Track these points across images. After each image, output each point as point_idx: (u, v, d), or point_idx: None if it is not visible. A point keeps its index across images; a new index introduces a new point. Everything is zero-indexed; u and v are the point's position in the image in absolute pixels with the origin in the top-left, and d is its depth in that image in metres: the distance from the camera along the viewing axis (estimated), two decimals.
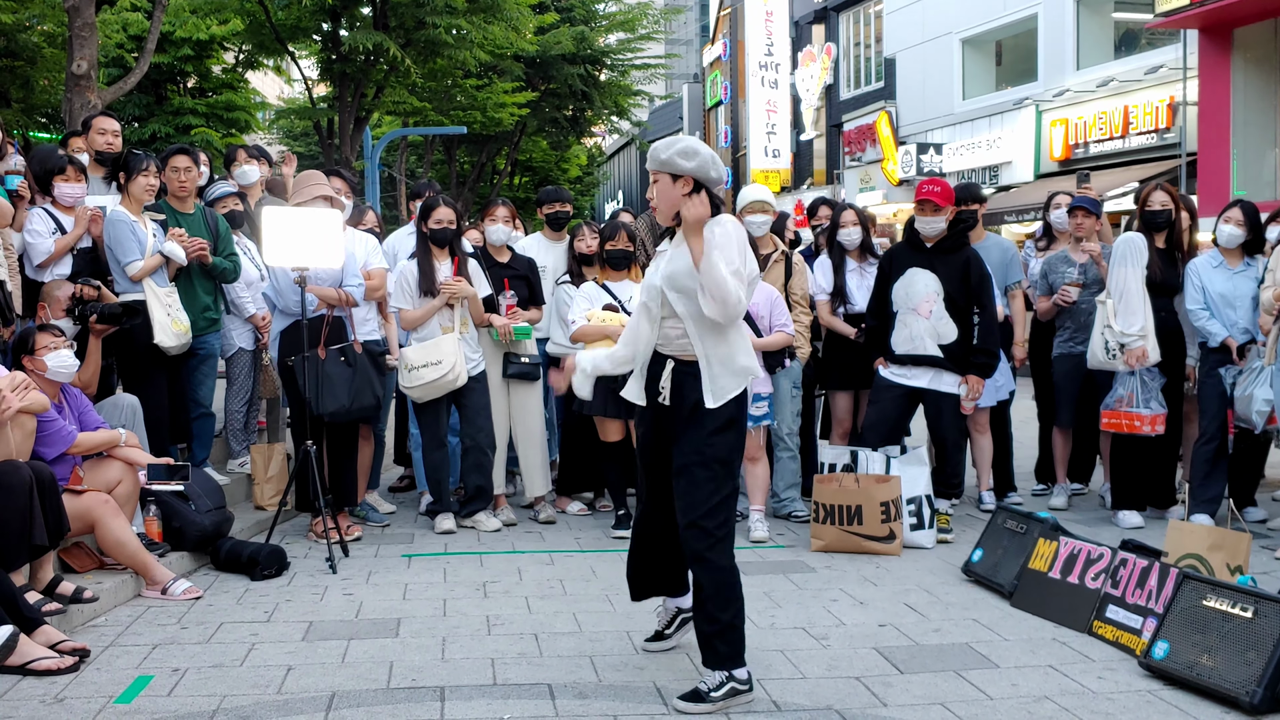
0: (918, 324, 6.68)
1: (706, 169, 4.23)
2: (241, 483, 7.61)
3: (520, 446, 7.48)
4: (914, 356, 6.70)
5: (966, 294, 6.67)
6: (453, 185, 30.06)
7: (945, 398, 6.70)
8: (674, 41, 44.72)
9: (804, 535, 6.86)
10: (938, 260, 6.70)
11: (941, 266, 6.68)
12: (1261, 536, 6.74)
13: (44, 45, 16.84)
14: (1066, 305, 7.43)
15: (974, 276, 6.68)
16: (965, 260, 6.70)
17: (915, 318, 6.69)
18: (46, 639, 4.61)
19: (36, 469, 4.96)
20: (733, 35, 36.37)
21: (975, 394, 6.68)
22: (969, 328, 6.70)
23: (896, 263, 6.83)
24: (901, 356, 6.73)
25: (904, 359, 6.73)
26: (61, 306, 6.19)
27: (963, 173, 23.69)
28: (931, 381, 6.71)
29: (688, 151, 4.21)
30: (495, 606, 5.49)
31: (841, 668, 4.63)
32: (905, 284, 6.74)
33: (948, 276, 6.66)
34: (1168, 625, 4.51)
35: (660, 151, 4.26)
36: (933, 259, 6.71)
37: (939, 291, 6.65)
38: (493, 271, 7.34)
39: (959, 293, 6.65)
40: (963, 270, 6.67)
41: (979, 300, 6.71)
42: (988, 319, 6.74)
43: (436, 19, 18.42)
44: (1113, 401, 6.95)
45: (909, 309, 6.71)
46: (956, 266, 6.68)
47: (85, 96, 10.54)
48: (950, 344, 6.64)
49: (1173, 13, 16.55)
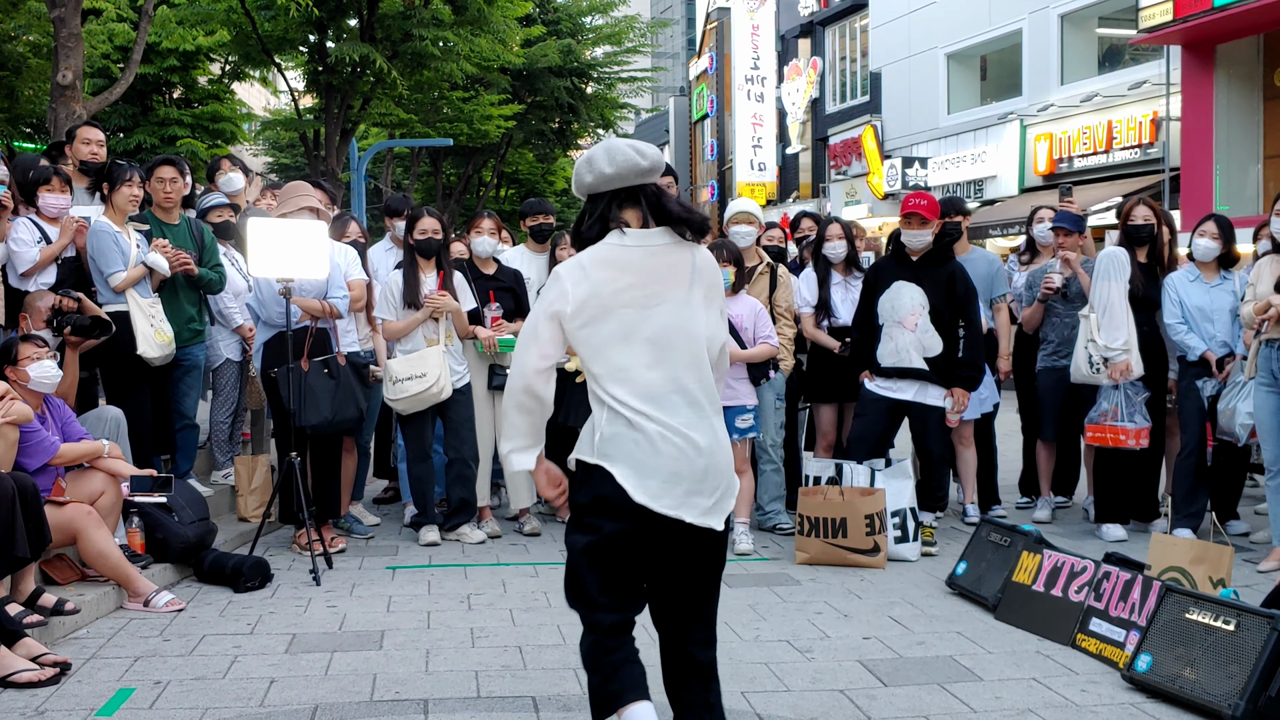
0: (903, 337, 6.70)
1: (596, 183, 3.37)
2: (225, 494, 7.58)
3: None
4: (899, 369, 6.72)
5: (952, 307, 6.69)
6: (439, 197, 30.03)
7: (930, 411, 6.72)
8: (660, 55, 44.84)
9: (789, 548, 6.87)
10: (923, 274, 6.72)
11: (927, 280, 6.70)
12: (1244, 550, 6.76)
13: (29, 55, 16.79)
14: (1052, 291, 7.43)
15: (959, 290, 6.71)
16: (951, 274, 6.73)
17: (901, 331, 6.71)
18: (27, 651, 4.59)
19: (19, 480, 4.93)
20: (719, 49, 36.48)
21: (960, 407, 6.70)
22: (954, 341, 6.72)
23: (882, 276, 6.85)
24: (887, 369, 6.75)
25: (889, 372, 6.75)
26: (42, 317, 6.17)
27: (948, 186, 23.79)
28: (917, 395, 6.72)
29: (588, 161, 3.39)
30: (479, 619, 5.48)
31: (826, 680, 4.63)
32: (891, 297, 6.76)
33: (933, 290, 6.68)
34: (1150, 638, 4.53)
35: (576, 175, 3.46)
36: (918, 272, 6.73)
37: (924, 305, 6.67)
38: (478, 283, 7.34)
39: (945, 306, 6.67)
40: (948, 283, 6.70)
41: (964, 314, 6.73)
42: (973, 332, 6.76)
43: (423, 31, 18.41)
44: (1097, 416, 6.97)
45: (894, 322, 6.73)
46: (942, 280, 6.70)
47: (70, 107, 10.51)
48: (936, 357, 6.66)
49: (1156, 29, 16.67)
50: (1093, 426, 7.00)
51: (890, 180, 25.15)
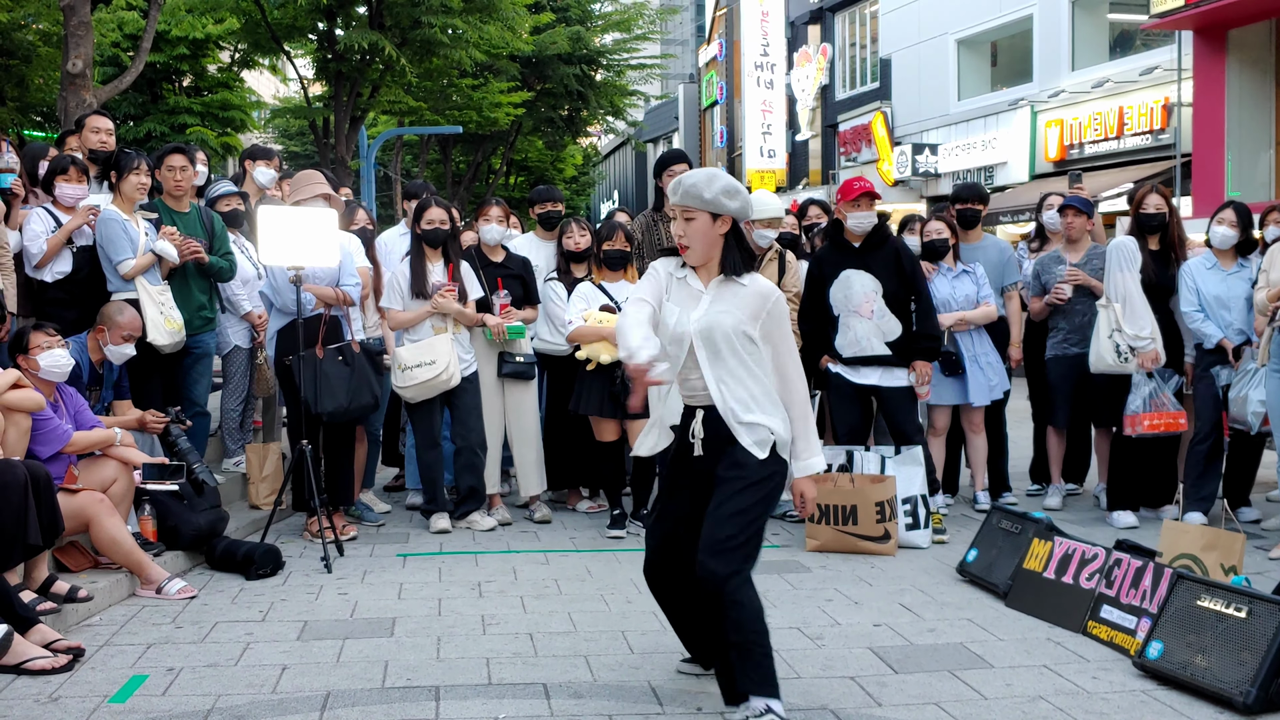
0: (861, 325, 6.73)
1: (748, 210, 4.07)
2: (237, 482, 7.61)
3: (515, 446, 7.48)
4: (862, 358, 6.74)
5: (904, 286, 6.76)
6: (448, 184, 30.04)
7: (897, 392, 6.79)
8: (670, 42, 44.75)
9: (799, 535, 6.87)
10: (869, 258, 6.77)
11: (874, 264, 6.75)
12: (1255, 537, 6.75)
13: (39, 44, 16.83)
14: (1060, 303, 7.43)
15: (906, 266, 6.79)
16: (895, 252, 6.80)
17: (858, 319, 6.74)
18: (41, 638, 4.61)
19: (32, 468, 4.95)
20: (728, 35, 36.36)
21: (925, 378, 6.80)
22: (909, 317, 6.79)
23: (826, 266, 6.88)
24: (850, 359, 6.77)
25: (852, 361, 6.77)
26: (121, 333, 6.18)
27: (958, 173, 23.71)
28: (882, 378, 6.80)
29: (731, 190, 3.97)
30: (490, 606, 5.49)
31: (836, 667, 4.63)
32: (842, 287, 6.78)
33: (883, 273, 6.73)
34: (1162, 625, 4.52)
35: (702, 189, 3.96)
36: (864, 257, 6.77)
37: (878, 289, 6.72)
38: (486, 271, 7.34)
39: (898, 286, 6.74)
40: (894, 263, 6.76)
41: (914, 287, 6.79)
42: (924, 304, 6.83)
43: (432, 18, 18.40)
44: (1140, 405, 6.89)
45: (850, 311, 6.76)
46: (889, 261, 6.76)
47: (80, 95, 10.52)
48: (897, 340, 6.73)
49: (1168, 14, 16.56)
50: (1146, 416, 6.89)
51: (900, 167, 25.06)
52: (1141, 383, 6.92)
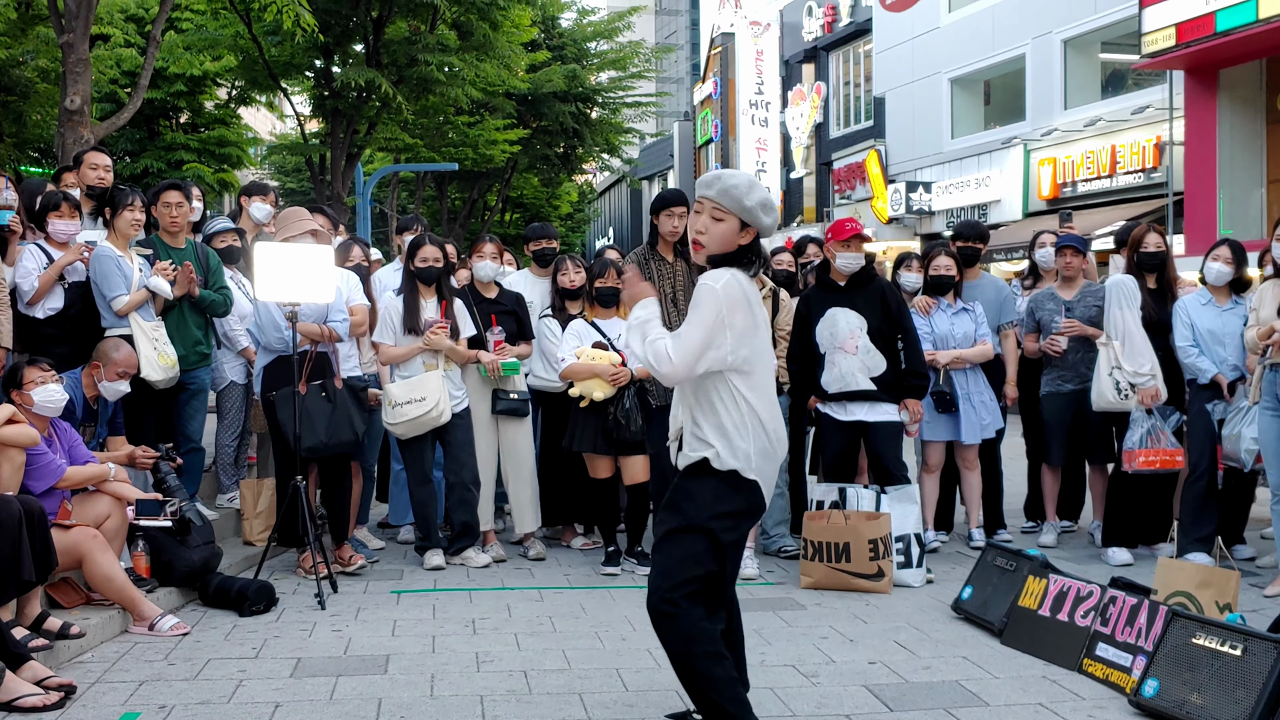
0: (846, 362, 6.78)
1: (773, 230, 4.09)
2: (231, 518, 7.59)
3: (510, 483, 7.47)
4: (848, 394, 6.79)
5: (889, 323, 6.83)
6: (444, 221, 30.10)
7: (884, 426, 6.82)
8: (665, 80, 44.91)
9: (793, 572, 6.86)
10: (855, 296, 6.84)
11: (860, 301, 6.83)
12: (1250, 574, 6.74)
13: (38, 80, 16.91)
14: (1057, 355, 7.46)
15: (893, 305, 6.88)
16: (880, 291, 6.89)
17: (843, 356, 6.79)
18: (33, 675, 4.58)
19: (25, 503, 4.94)
20: (723, 74, 36.60)
21: (916, 417, 6.87)
22: (896, 355, 6.85)
23: (814, 305, 6.96)
24: (836, 395, 6.81)
25: (838, 396, 6.81)
26: (116, 369, 6.19)
27: (952, 211, 23.84)
28: (869, 413, 6.83)
29: (768, 205, 3.86)
30: (484, 643, 5.47)
31: (831, 705, 4.62)
32: (828, 325, 6.84)
33: (868, 310, 6.81)
34: (1157, 663, 4.52)
35: (743, 195, 3.80)
36: (850, 296, 6.85)
37: (863, 326, 6.77)
38: (480, 308, 7.35)
39: (882, 323, 6.81)
40: (880, 301, 6.85)
41: (900, 325, 6.86)
42: (911, 341, 6.90)
43: (429, 56, 18.51)
44: (1139, 441, 6.91)
45: (835, 348, 6.81)
46: (874, 298, 6.85)
47: (78, 131, 10.56)
48: (882, 375, 6.78)
49: (1159, 54, 16.70)
50: (1142, 452, 6.90)
51: (895, 205, 25.20)
52: (1140, 419, 6.94)
